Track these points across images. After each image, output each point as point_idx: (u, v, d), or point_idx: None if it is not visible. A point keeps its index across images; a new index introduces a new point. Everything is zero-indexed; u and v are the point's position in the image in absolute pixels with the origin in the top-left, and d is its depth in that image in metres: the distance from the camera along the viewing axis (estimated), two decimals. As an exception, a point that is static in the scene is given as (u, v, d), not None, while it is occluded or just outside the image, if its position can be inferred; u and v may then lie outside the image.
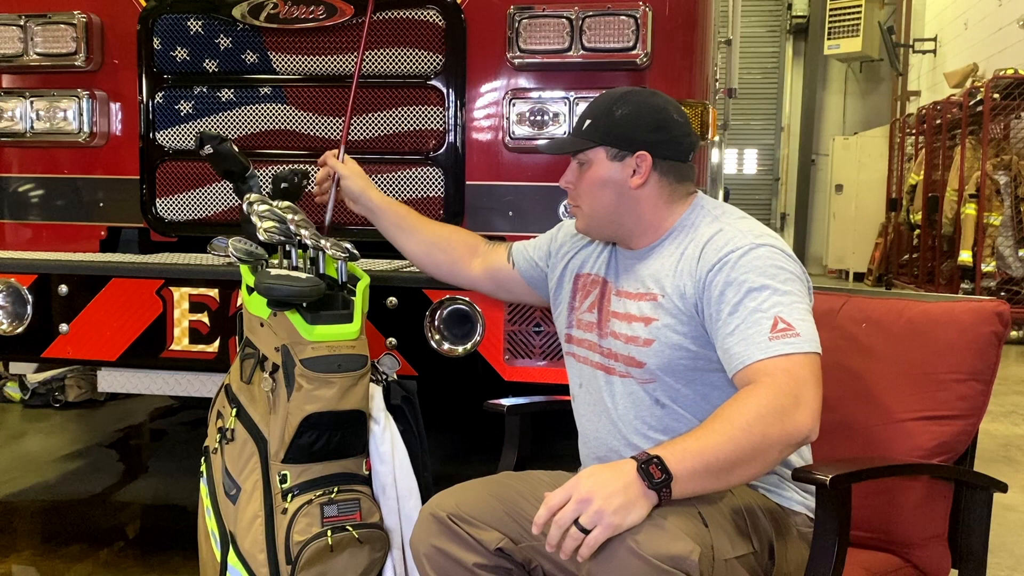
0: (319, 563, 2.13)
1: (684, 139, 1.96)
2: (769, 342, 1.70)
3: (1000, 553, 3.32)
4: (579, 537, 1.55)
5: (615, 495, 1.55)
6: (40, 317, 2.85)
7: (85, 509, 3.74)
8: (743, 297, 1.75)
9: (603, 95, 2.02)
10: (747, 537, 1.74)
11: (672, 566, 1.53)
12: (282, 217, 2.27)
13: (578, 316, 2.07)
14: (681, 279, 1.86)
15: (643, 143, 1.92)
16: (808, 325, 1.73)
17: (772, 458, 1.64)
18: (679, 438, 1.66)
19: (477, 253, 2.43)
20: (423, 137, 3.10)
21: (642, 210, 1.95)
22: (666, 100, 1.98)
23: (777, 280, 1.77)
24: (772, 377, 1.66)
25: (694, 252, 1.87)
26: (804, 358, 1.69)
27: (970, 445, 2.04)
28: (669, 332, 1.86)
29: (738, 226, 1.88)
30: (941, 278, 10.70)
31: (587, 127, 1.97)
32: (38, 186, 3.43)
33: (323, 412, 2.16)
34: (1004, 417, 5.64)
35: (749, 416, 1.61)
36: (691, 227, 1.93)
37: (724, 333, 1.76)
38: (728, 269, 1.79)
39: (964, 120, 10.02)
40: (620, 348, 1.93)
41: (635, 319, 1.91)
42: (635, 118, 1.93)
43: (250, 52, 3.15)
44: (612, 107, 1.94)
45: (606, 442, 1.97)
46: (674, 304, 1.86)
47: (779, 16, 15.86)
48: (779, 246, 1.84)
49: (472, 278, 2.44)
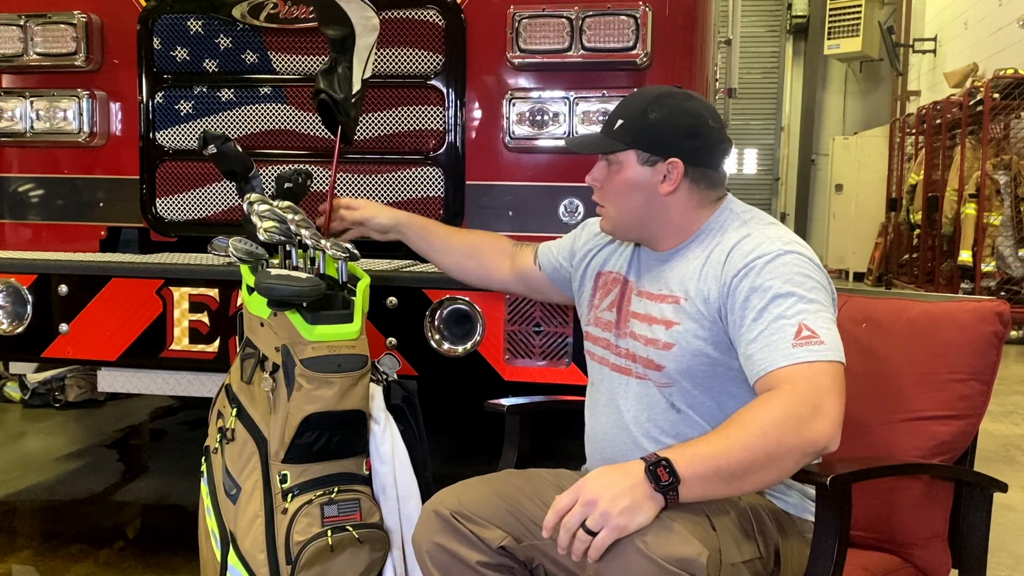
0: (319, 563, 2.13)
1: (718, 146, 1.93)
2: (792, 349, 1.67)
3: (1000, 553, 3.32)
4: (587, 540, 1.55)
5: (621, 497, 1.54)
6: (40, 317, 2.85)
7: (85, 509, 3.74)
8: (768, 303, 1.73)
9: (637, 94, 1.97)
10: (754, 541, 1.74)
11: (680, 568, 1.52)
12: (282, 217, 2.27)
13: (596, 314, 2.05)
14: (706, 283, 1.83)
15: (676, 149, 1.88)
16: (833, 334, 1.70)
17: (788, 467, 1.61)
18: (691, 441, 1.65)
19: (507, 256, 2.41)
20: (423, 137, 3.10)
21: (670, 215, 1.92)
22: (702, 104, 1.94)
23: (803, 288, 1.74)
24: (793, 384, 1.63)
25: (720, 256, 1.84)
26: (827, 366, 1.66)
27: (970, 445, 2.04)
28: (690, 337, 1.83)
29: (766, 232, 1.84)
30: (941, 278, 10.69)
31: (619, 127, 1.91)
32: (38, 186, 3.43)
33: (323, 412, 2.16)
34: (1004, 417, 5.64)
35: (765, 423, 1.59)
36: (718, 231, 1.90)
37: (747, 339, 1.73)
38: (754, 275, 1.76)
39: (964, 120, 10.02)
40: (639, 350, 1.91)
41: (656, 321, 1.88)
42: (669, 123, 1.88)
43: (250, 52, 3.16)
44: (647, 109, 1.89)
45: (614, 443, 1.95)
46: (697, 308, 1.83)
47: (779, 16, 15.85)
48: (807, 254, 1.81)
49: (503, 282, 2.43)
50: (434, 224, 2.57)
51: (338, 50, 2.48)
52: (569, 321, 2.61)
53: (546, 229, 2.34)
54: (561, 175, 3.05)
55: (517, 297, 2.61)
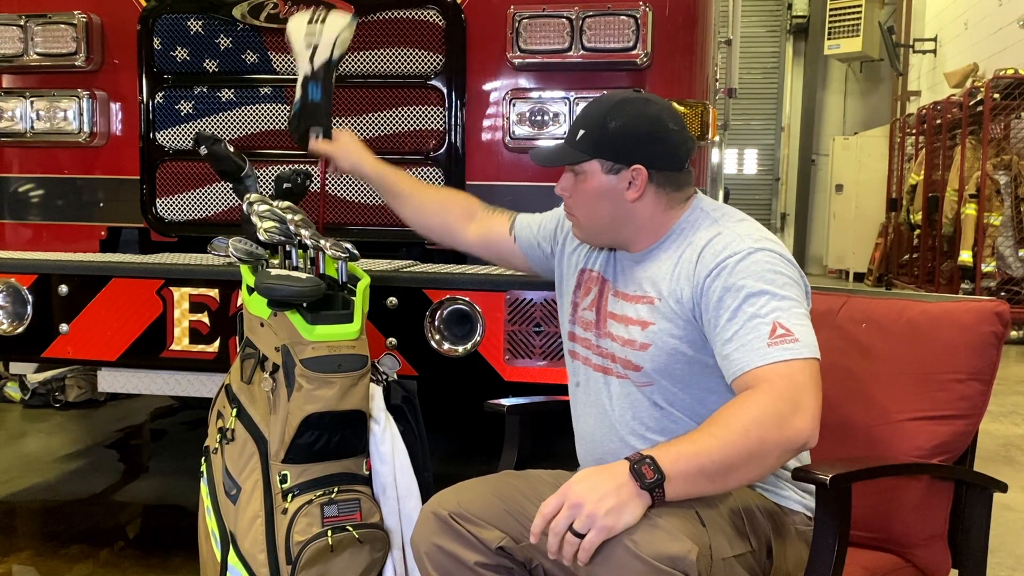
0: (319, 563, 2.13)
1: (680, 148, 1.92)
2: (768, 348, 1.68)
3: (1000, 553, 3.32)
4: (575, 542, 1.55)
5: (606, 497, 1.55)
6: (40, 317, 2.85)
7: (85, 509, 3.74)
8: (741, 303, 1.74)
9: (596, 103, 1.97)
10: (745, 536, 1.74)
11: (670, 566, 1.52)
12: (282, 217, 2.27)
13: (579, 313, 2.06)
14: (678, 283, 1.85)
15: (638, 155, 1.88)
16: (807, 330, 1.72)
17: (770, 463, 1.64)
18: (675, 440, 1.66)
19: (474, 218, 2.36)
20: (423, 137, 3.10)
21: (639, 220, 1.93)
22: (660, 108, 1.93)
23: (775, 285, 1.75)
24: (771, 383, 1.65)
25: (692, 256, 1.85)
26: (803, 364, 1.67)
27: (970, 445, 2.04)
28: (666, 336, 1.84)
29: (736, 229, 1.85)
30: (941, 278, 10.69)
31: (581, 137, 1.91)
32: (38, 186, 3.43)
33: (323, 412, 2.16)
34: (1004, 417, 5.64)
35: (746, 421, 1.61)
36: (689, 230, 1.91)
37: (723, 339, 1.74)
38: (726, 274, 1.77)
39: (964, 120, 10.02)
40: (617, 350, 1.92)
41: (632, 322, 1.90)
42: (629, 130, 1.88)
43: (250, 52, 3.16)
44: (606, 118, 1.89)
45: (603, 443, 1.96)
46: (671, 308, 1.84)
47: (779, 16, 15.86)
48: (778, 250, 1.82)
49: (467, 243, 2.38)
50: (402, 175, 2.49)
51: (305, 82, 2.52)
52: (569, 321, 2.61)
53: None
54: (561, 175, 3.04)
55: (517, 297, 2.61)
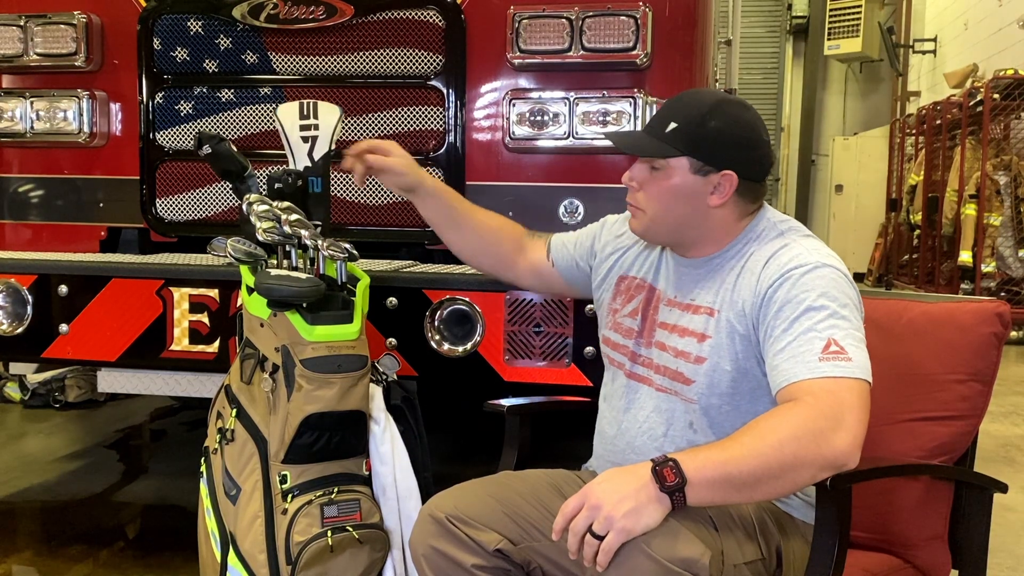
0: (319, 563, 2.13)
1: (766, 159, 1.88)
2: (819, 362, 1.63)
3: (1000, 553, 3.32)
4: (595, 544, 1.54)
5: (625, 500, 1.53)
6: (40, 317, 2.85)
7: (85, 509, 3.74)
8: (800, 314, 1.69)
9: (692, 98, 1.90)
10: (756, 543, 1.73)
11: (683, 568, 1.52)
12: (280, 217, 2.27)
13: (617, 319, 2.01)
14: (740, 294, 1.80)
15: (731, 161, 1.82)
16: (861, 353, 1.67)
17: (802, 480, 1.58)
18: (704, 446, 1.63)
19: (522, 249, 2.30)
20: (423, 137, 3.10)
21: (711, 225, 1.87)
22: (755, 116, 1.89)
23: (837, 303, 1.70)
24: (815, 397, 1.59)
25: (756, 266, 1.80)
26: (853, 383, 1.62)
27: (970, 445, 2.04)
28: (722, 351, 1.80)
29: (804, 244, 1.81)
30: (941, 278, 10.69)
31: (673, 131, 1.83)
32: (38, 186, 3.43)
33: (323, 412, 2.16)
34: (1004, 417, 5.64)
35: (783, 434, 1.55)
36: (755, 240, 1.86)
37: (775, 349, 1.70)
38: (789, 285, 1.73)
39: (964, 120, 10.01)
40: (668, 361, 1.87)
41: (688, 333, 1.85)
42: (728, 134, 1.82)
43: (250, 52, 3.16)
44: (706, 116, 1.82)
45: (623, 452, 1.93)
46: (729, 322, 1.80)
47: (779, 16, 15.84)
48: (843, 270, 1.77)
49: (518, 278, 2.34)
50: (456, 198, 2.37)
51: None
52: (569, 321, 2.61)
53: (546, 229, 2.33)
54: (561, 175, 3.05)
55: (517, 297, 2.61)
